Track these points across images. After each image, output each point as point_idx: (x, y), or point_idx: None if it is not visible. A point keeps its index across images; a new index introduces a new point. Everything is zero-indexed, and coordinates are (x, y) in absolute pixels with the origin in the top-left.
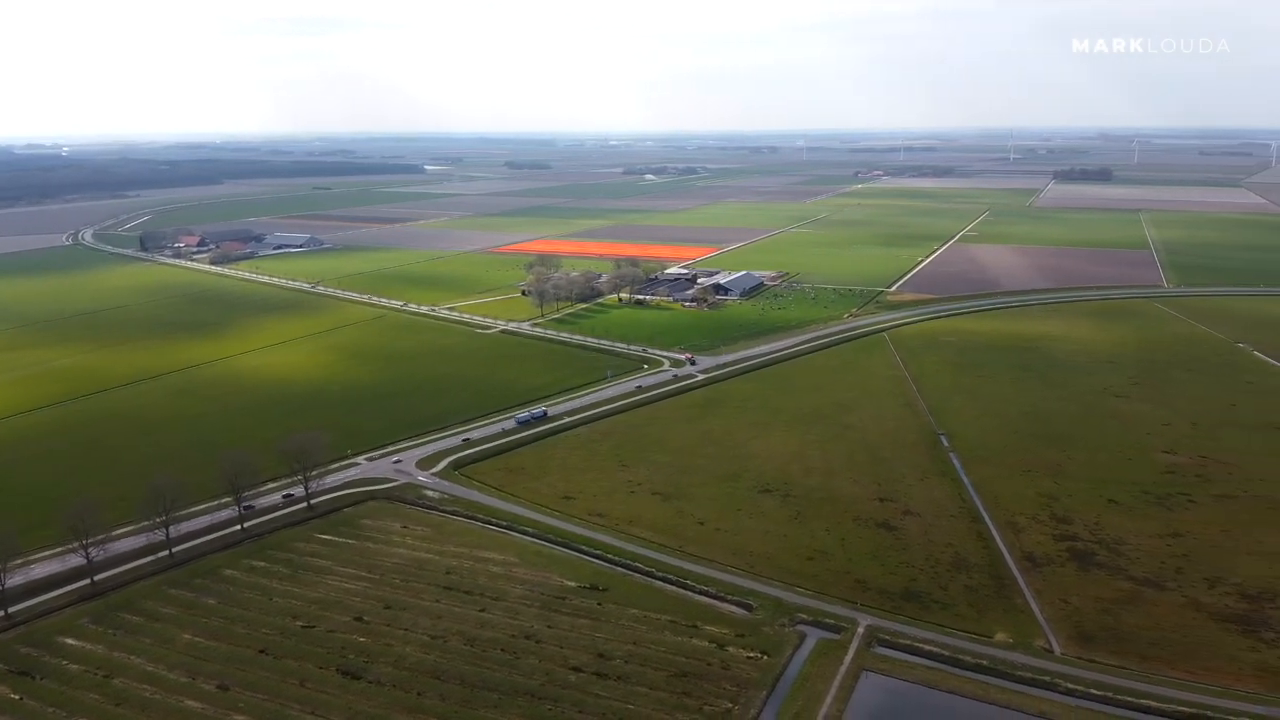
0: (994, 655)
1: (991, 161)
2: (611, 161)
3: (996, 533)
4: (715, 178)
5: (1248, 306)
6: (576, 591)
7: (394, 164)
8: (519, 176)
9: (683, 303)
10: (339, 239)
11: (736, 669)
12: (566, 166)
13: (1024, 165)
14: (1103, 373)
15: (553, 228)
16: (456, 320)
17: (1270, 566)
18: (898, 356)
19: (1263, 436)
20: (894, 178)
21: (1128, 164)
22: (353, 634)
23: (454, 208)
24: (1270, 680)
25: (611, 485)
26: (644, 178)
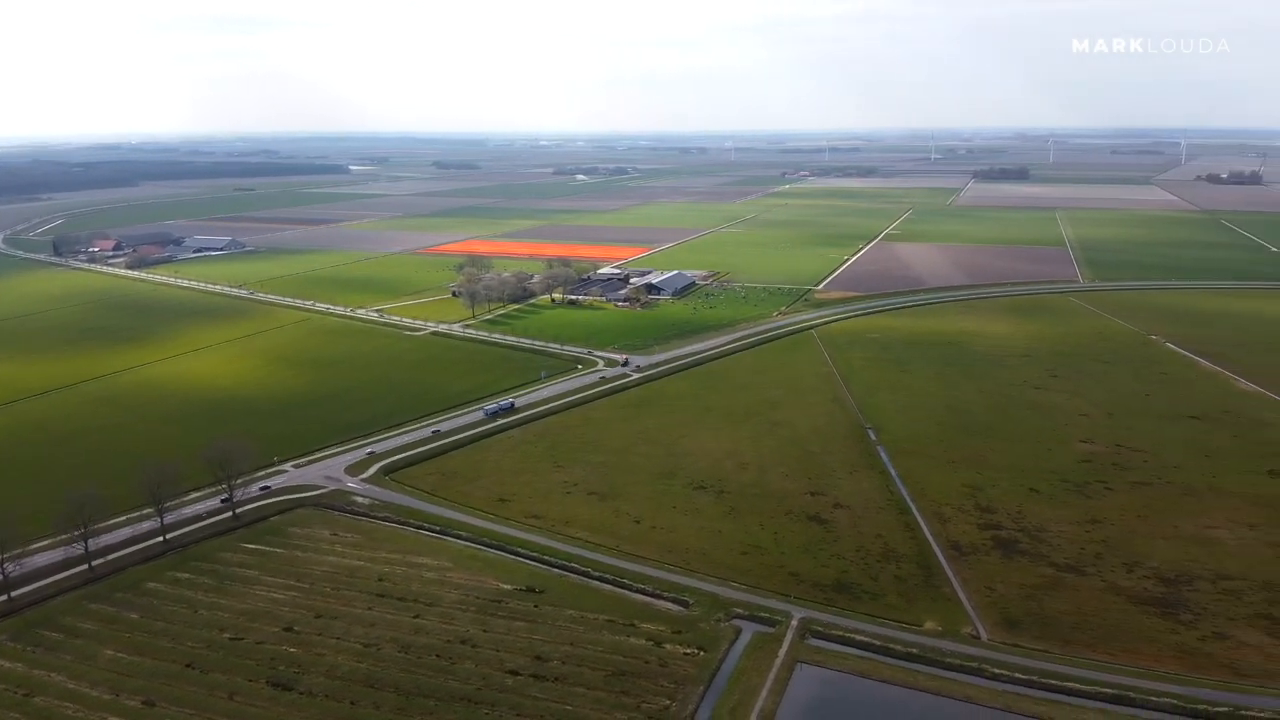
0: (923, 643)
1: (914, 161)
2: (542, 162)
3: (924, 523)
4: (646, 178)
5: (1159, 300)
6: (512, 594)
7: (318, 164)
8: (448, 177)
9: (616, 303)
10: (262, 241)
11: (674, 666)
12: (496, 167)
13: (945, 165)
14: (1022, 366)
15: (483, 228)
16: (385, 323)
17: (1185, 550)
18: (826, 353)
19: (1175, 425)
20: (820, 178)
21: (1044, 163)
22: (283, 645)
23: (381, 208)
24: (1189, 661)
25: (547, 486)
26: (575, 178)
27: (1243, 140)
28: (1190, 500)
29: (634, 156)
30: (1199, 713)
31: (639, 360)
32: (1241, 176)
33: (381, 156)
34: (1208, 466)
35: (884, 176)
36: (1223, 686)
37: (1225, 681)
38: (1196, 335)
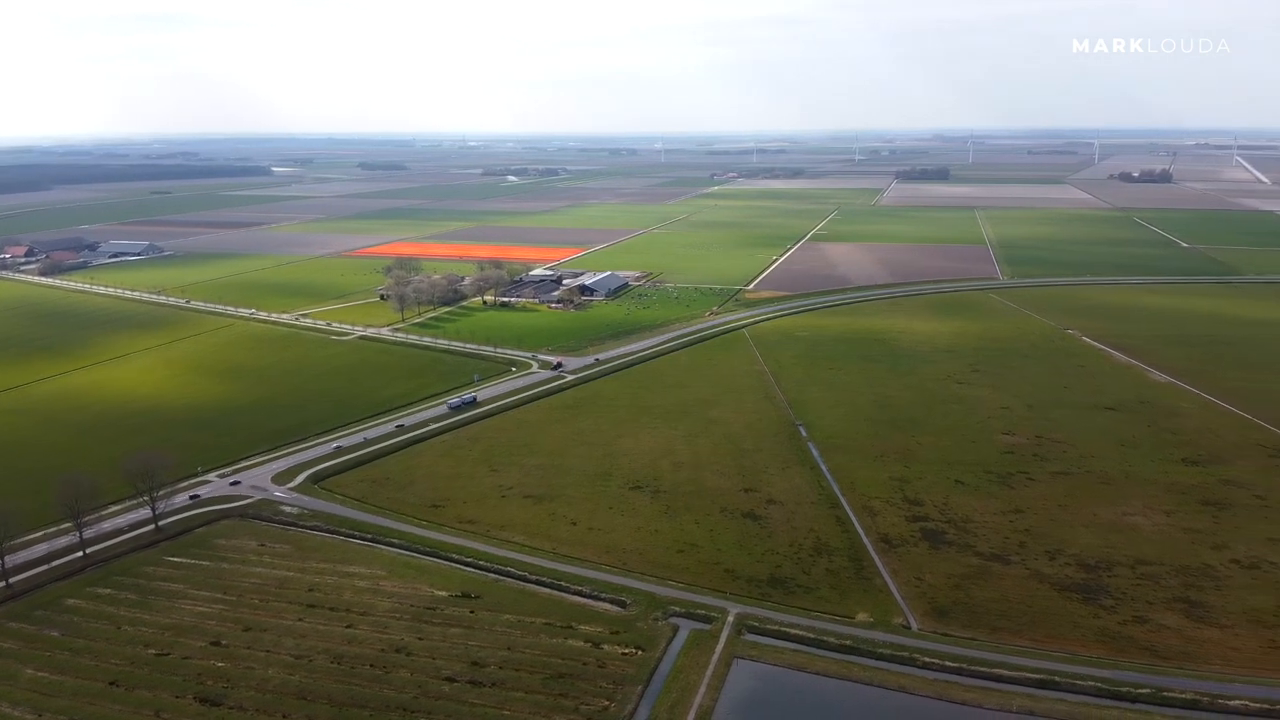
0: (856, 635)
1: (839, 163)
2: (471, 162)
3: (854, 517)
4: (577, 179)
5: (1075, 295)
6: (448, 601)
7: (239, 166)
8: (374, 178)
9: (549, 304)
10: (181, 246)
11: (612, 666)
12: (424, 168)
13: (869, 166)
14: (945, 361)
15: (412, 230)
16: (311, 328)
17: (1104, 537)
18: (757, 352)
19: (1092, 416)
20: (748, 179)
21: (963, 164)
22: (210, 659)
23: (305, 211)
24: (1111, 645)
25: (481, 491)
26: (505, 179)
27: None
28: (1108, 489)
29: (564, 157)
30: (1122, 694)
31: (574, 362)
32: (1152, 175)
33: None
34: (1124, 456)
35: (810, 178)
36: (1144, 669)
37: (1146, 664)
38: (1111, 329)
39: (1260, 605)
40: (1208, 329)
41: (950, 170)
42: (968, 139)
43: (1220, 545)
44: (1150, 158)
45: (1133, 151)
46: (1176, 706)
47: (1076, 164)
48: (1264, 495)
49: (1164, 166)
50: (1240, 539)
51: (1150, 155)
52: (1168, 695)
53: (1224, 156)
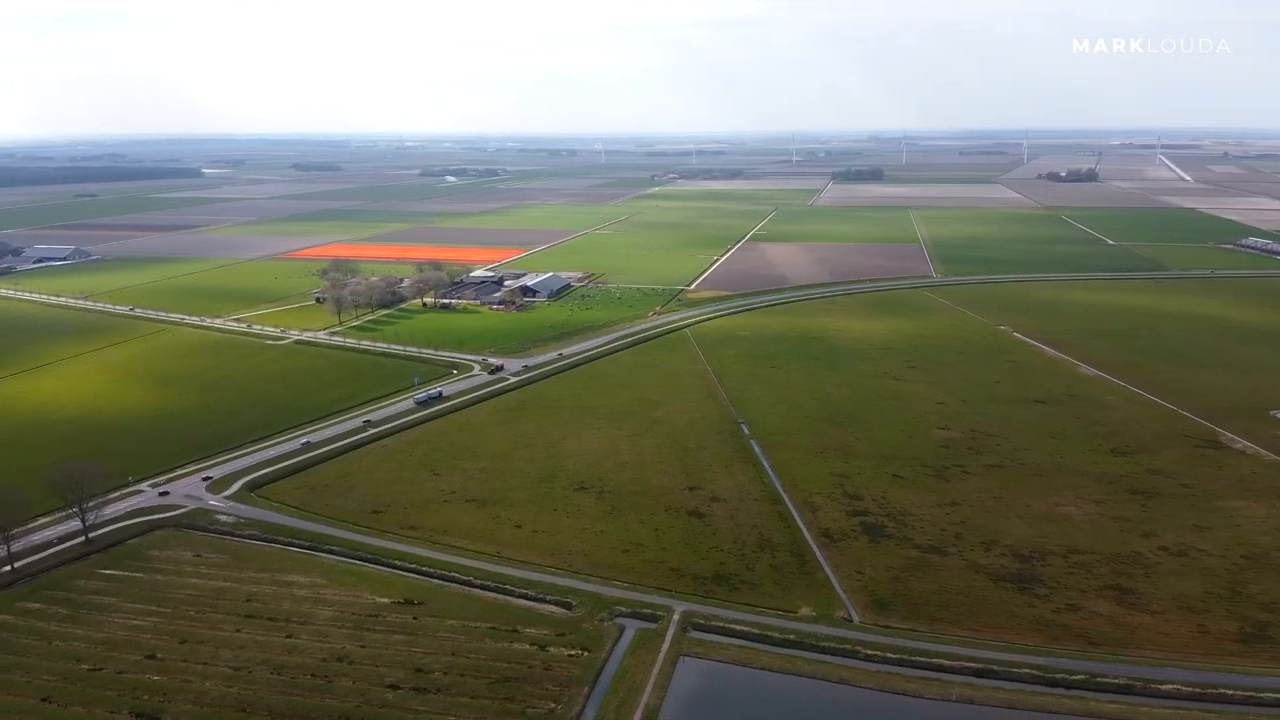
0: (800, 629)
1: (776, 163)
2: (408, 163)
3: (796, 512)
4: (517, 180)
5: (1006, 292)
6: (390, 608)
7: (169, 168)
8: (308, 179)
9: (490, 305)
10: (109, 250)
11: (558, 668)
12: (360, 168)
13: (805, 167)
14: (882, 358)
15: (348, 232)
16: (245, 332)
17: (1037, 528)
18: (699, 351)
19: (1024, 409)
20: (688, 180)
21: (897, 164)
22: (146, 673)
23: (238, 213)
24: (1046, 633)
25: (424, 496)
26: (444, 179)
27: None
28: (1040, 480)
29: (503, 158)
30: (1057, 681)
31: (516, 363)
32: (1079, 174)
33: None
34: (1055, 447)
35: (748, 178)
36: (1078, 655)
37: (1080, 650)
38: (1041, 325)
39: (1188, 591)
40: (1133, 323)
41: (884, 171)
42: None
43: (1149, 533)
44: (1077, 157)
45: (1060, 151)
46: (1110, 691)
47: (1006, 164)
48: (1189, 484)
49: (1090, 166)
50: (1168, 527)
51: (1077, 155)
52: (1101, 681)
53: (1148, 156)
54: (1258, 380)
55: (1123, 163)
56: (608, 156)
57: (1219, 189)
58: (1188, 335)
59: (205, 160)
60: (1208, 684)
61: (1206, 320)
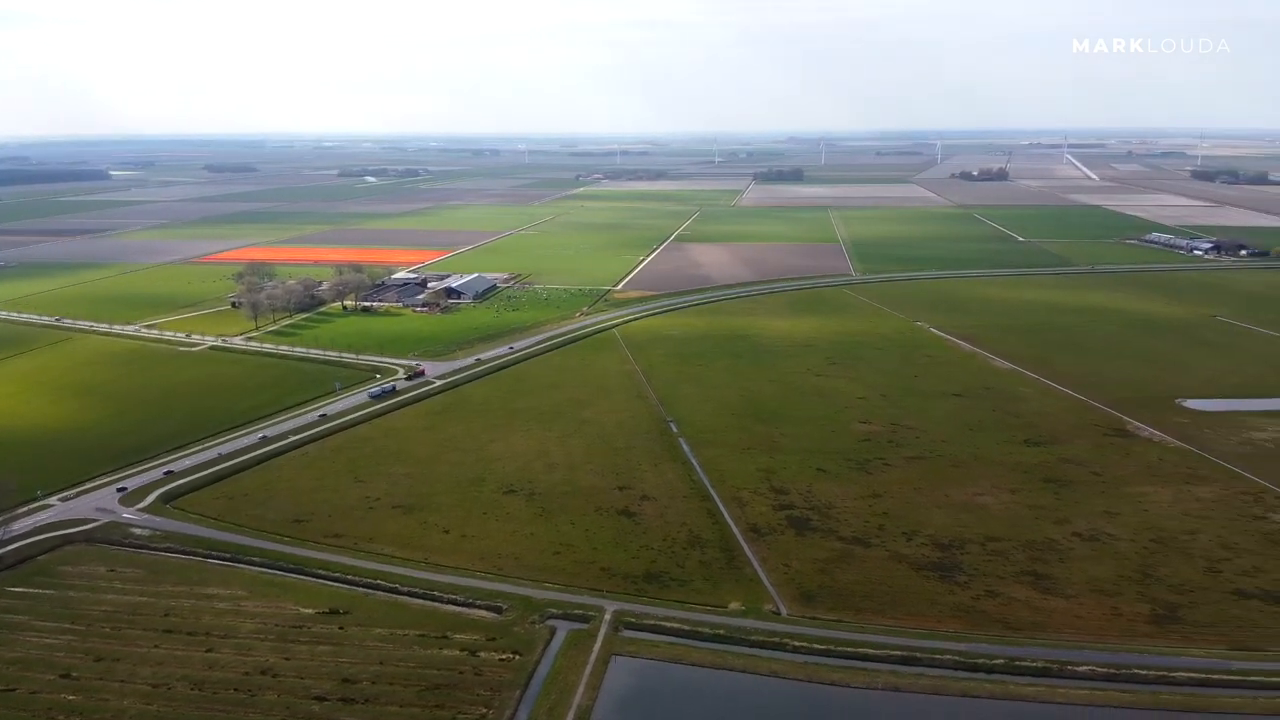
0: (729, 624)
1: (699, 164)
2: (326, 163)
3: (724, 508)
4: (439, 180)
5: (922, 289)
6: (315, 618)
7: (76, 170)
8: (222, 180)
9: (414, 308)
10: (12, 256)
11: (489, 673)
12: (276, 169)
13: (728, 168)
14: (805, 355)
15: (264, 234)
16: (158, 339)
17: (956, 517)
18: (627, 351)
19: (941, 402)
20: (613, 180)
21: (816, 165)
22: (61, 693)
23: (148, 216)
24: (967, 619)
25: (347, 503)
26: (363, 180)
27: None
28: (958, 471)
29: (425, 158)
30: (978, 666)
31: (442, 366)
32: (990, 173)
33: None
34: (972, 439)
35: (673, 179)
36: (997, 640)
37: (999, 636)
38: (956, 321)
39: (1101, 575)
40: (1044, 318)
41: (804, 171)
42: (820, 141)
43: (1062, 520)
44: (988, 157)
45: (972, 151)
46: (1028, 674)
47: (921, 164)
48: (1100, 472)
49: (1001, 165)
50: (1080, 513)
51: (988, 155)
52: (1020, 664)
53: (1055, 155)
54: (1162, 370)
55: (1032, 162)
56: (532, 157)
57: (1123, 186)
58: (1094, 328)
59: (113, 162)
60: (1122, 665)
61: (1113, 313)
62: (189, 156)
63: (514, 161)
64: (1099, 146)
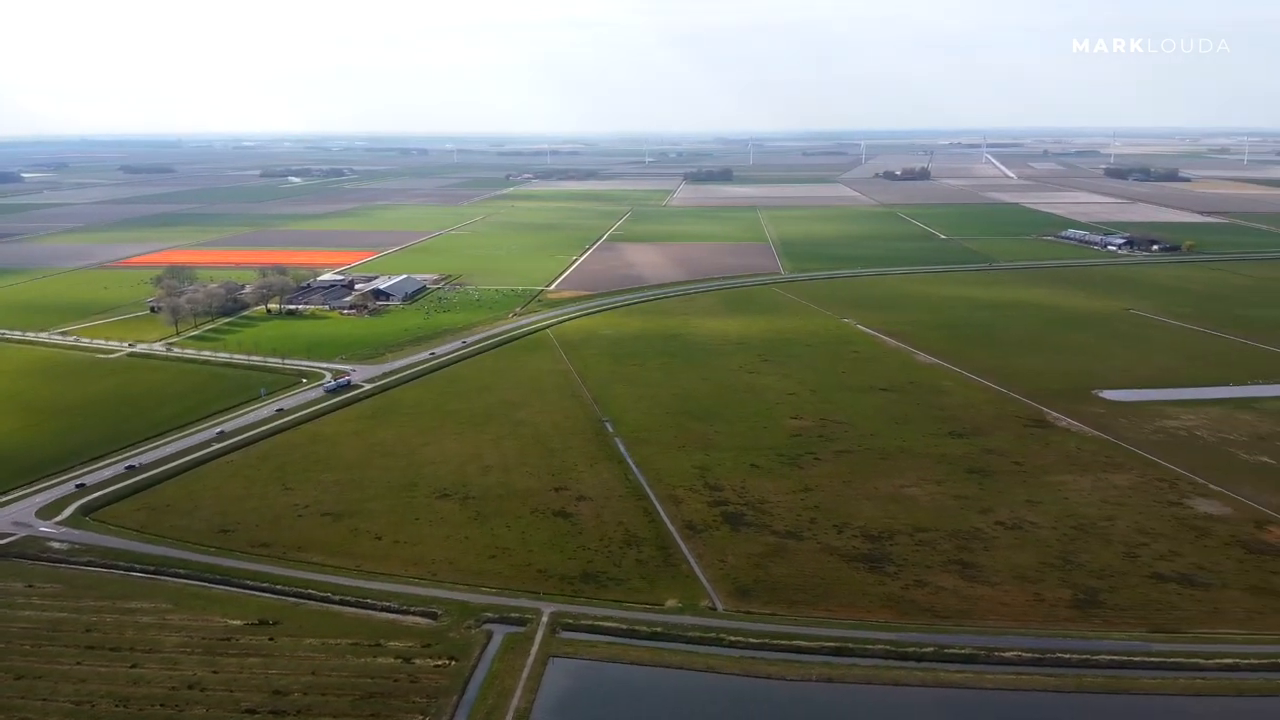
0: (666, 621)
1: (630, 164)
2: (247, 164)
3: (660, 507)
4: (365, 180)
5: (849, 286)
6: (243, 630)
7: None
8: (139, 182)
9: (341, 310)
10: None
11: (425, 680)
12: (195, 170)
13: (658, 167)
14: (736, 353)
15: (184, 237)
16: (74, 346)
17: (885, 509)
18: (561, 352)
19: (869, 397)
20: (544, 180)
21: (745, 165)
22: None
23: (62, 219)
24: (896, 609)
25: (275, 512)
26: (287, 180)
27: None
28: (886, 463)
29: (350, 158)
30: (908, 655)
31: (370, 369)
32: (913, 173)
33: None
34: (898, 432)
35: (603, 179)
36: (926, 629)
37: (928, 624)
38: (882, 317)
39: (1024, 562)
40: (965, 313)
41: (733, 171)
42: (748, 142)
43: (986, 509)
44: (911, 157)
45: (896, 151)
46: (956, 661)
47: (846, 164)
48: (1021, 462)
49: (923, 165)
50: (1003, 503)
51: (911, 155)
52: (948, 652)
53: (975, 154)
54: (1079, 362)
55: (953, 161)
56: (460, 156)
57: (1040, 185)
58: (1013, 323)
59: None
60: (1046, 649)
61: (1031, 308)
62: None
63: (442, 161)
64: (1017, 146)
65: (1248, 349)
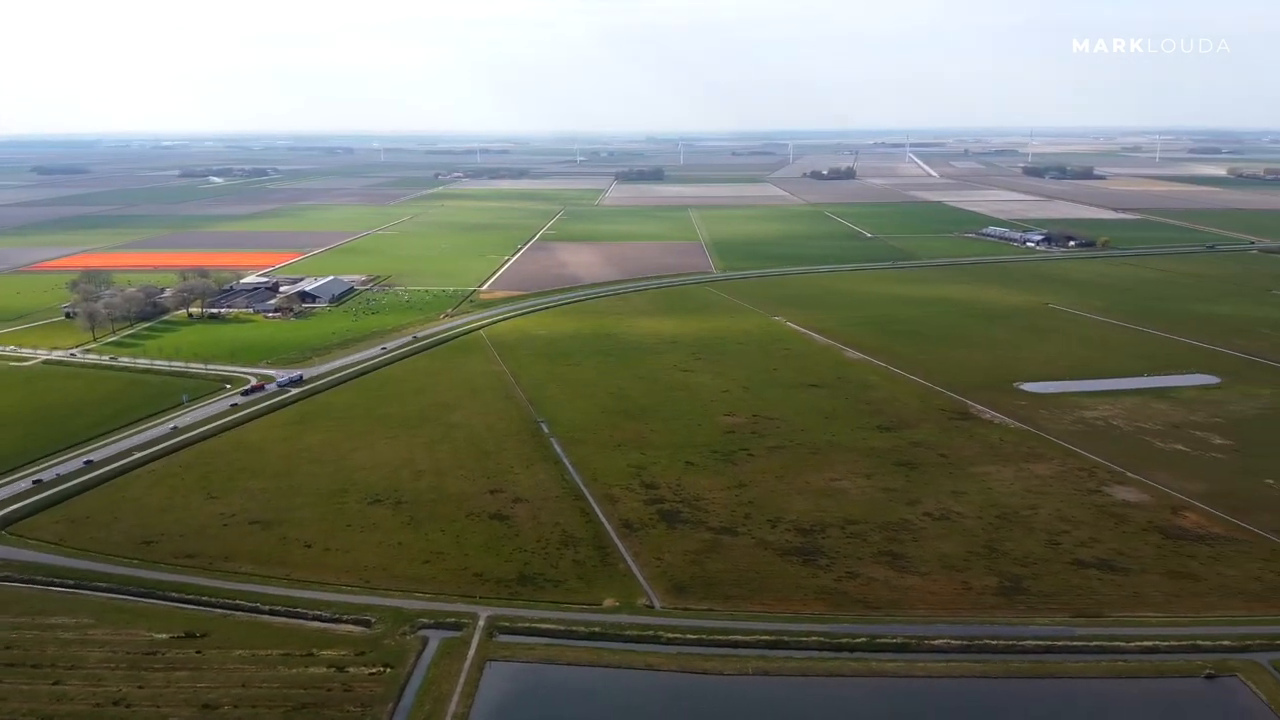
0: (605, 621)
1: (561, 163)
2: (166, 163)
3: (597, 506)
4: (289, 179)
5: (779, 284)
6: (170, 643)
7: None
8: (52, 183)
9: (265, 314)
10: None
11: (359, 688)
12: (111, 170)
13: (590, 167)
14: (670, 351)
15: (100, 239)
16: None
17: (816, 503)
18: (495, 353)
19: (799, 393)
20: (474, 180)
21: (676, 164)
22: None
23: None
24: (829, 600)
25: (201, 521)
26: (208, 180)
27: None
28: (817, 458)
29: (274, 157)
30: (841, 646)
31: (297, 373)
32: (839, 172)
33: None
34: (828, 427)
35: (535, 178)
36: (858, 620)
37: (860, 615)
38: (811, 315)
39: (951, 552)
40: (891, 310)
41: (665, 171)
42: (679, 141)
43: (914, 501)
44: (837, 157)
45: (822, 151)
46: (888, 651)
47: (774, 164)
48: (946, 454)
49: (849, 164)
50: (930, 494)
51: (837, 155)
52: (880, 641)
53: (898, 154)
54: (1000, 355)
55: (877, 161)
56: (388, 155)
57: (961, 183)
58: (936, 318)
59: None
60: (974, 636)
61: (954, 303)
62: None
63: (369, 160)
64: (938, 145)
65: (1160, 340)
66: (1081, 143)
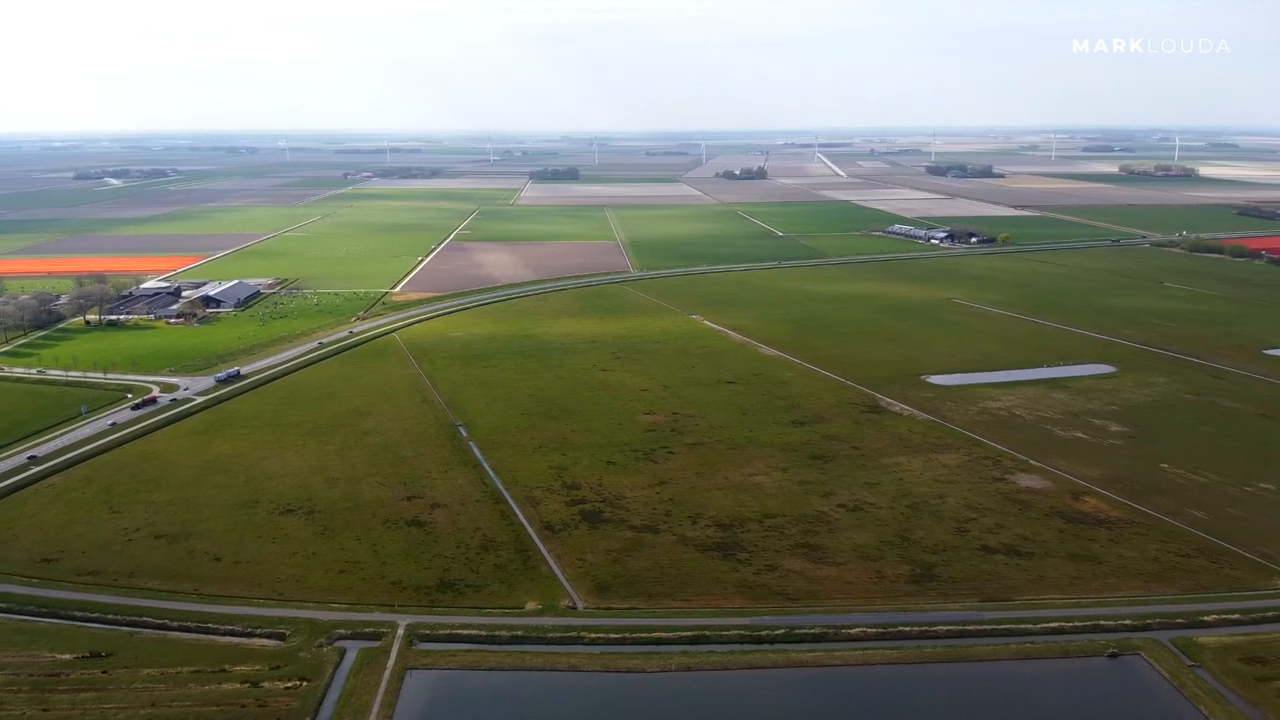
0: (527, 624)
1: (474, 163)
2: (60, 165)
3: (518, 509)
4: (190, 180)
5: (695, 283)
6: (74, 664)
7: None
8: None
9: (168, 320)
10: None
11: (275, 703)
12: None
13: (503, 166)
14: (590, 351)
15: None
16: None
17: (735, 498)
18: (410, 356)
19: (716, 390)
20: (385, 179)
21: (591, 164)
22: None
23: None
24: (750, 594)
25: (103, 537)
26: (104, 182)
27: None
28: (735, 454)
29: (174, 157)
30: (761, 638)
31: (202, 381)
32: (751, 172)
33: None
34: (746, 423)
35: (448, 177)
36: (778, 611)
37: (779, 607)
38: (727, 313)
39: (865, 542)
40: (803, 307)
41: (580, 170)
42: (593, 141)
43: (829, 493)
44: (749, 157)
45: (734, 151)
46: (807, 641)
47: (688, 164)
48: (859, 446)
49: (760, 164)
50: (844, 486)
51: (748, 155)
52: (799, 632)
53: (807, 154)
54: (908, 349)
55: (787, 161)
56: (294, 155)
57: (868, 183)
58: (847, 314)
59: None
60: (888, 624)
61: (863, 300)
62: None
63: (274, 160)
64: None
65: (1058, 333)
66: (981, 141)
